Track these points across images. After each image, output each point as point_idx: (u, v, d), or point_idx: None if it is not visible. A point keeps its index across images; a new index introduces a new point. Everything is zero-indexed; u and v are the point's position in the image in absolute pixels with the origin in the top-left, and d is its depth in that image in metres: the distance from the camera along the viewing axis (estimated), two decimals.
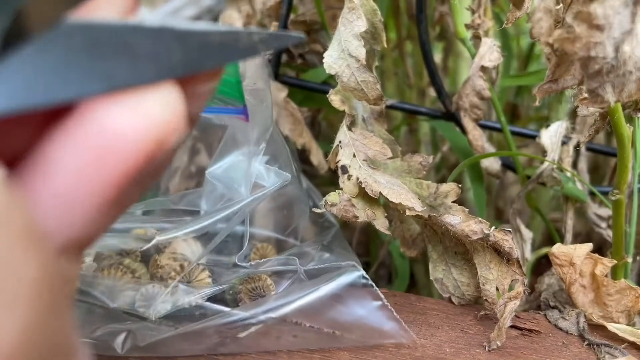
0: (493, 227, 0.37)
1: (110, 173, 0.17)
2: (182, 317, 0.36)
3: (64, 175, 0.17)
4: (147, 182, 0.20)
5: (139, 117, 0.17)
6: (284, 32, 0.23)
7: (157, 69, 0.18)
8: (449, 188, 0.39)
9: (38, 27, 0.17)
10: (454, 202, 0.39)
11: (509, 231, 0.37)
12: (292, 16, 0.50)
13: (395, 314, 0.36)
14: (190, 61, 0.19)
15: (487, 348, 0.36)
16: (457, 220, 0.37)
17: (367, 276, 0.37)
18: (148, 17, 0.20)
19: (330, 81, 0.50)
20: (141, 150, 0.17)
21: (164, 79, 0.18)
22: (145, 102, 0.17)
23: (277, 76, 0.49)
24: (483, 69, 0.45)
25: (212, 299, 0.37)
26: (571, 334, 0.38)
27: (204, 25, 0.20)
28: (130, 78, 0.18)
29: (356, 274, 0.37)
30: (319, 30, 0.51)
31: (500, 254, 0.37)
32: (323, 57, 0.40)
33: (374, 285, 0.37)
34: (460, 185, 0.39)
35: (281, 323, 0.36)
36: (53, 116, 0.17)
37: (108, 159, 0.17)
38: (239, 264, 0.39)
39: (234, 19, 0.52)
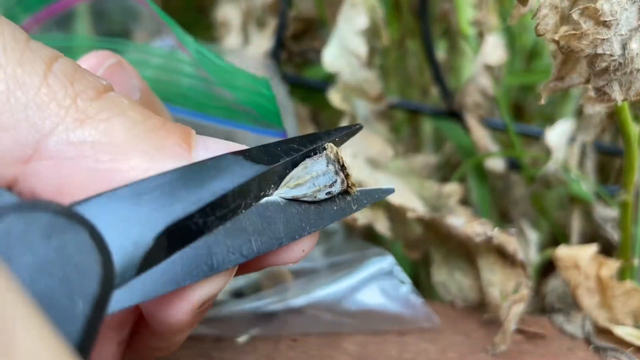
0: (497, 229, 0.36)
1: None
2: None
3: None
4: None
5: None
6: (374, 189, 0.26)
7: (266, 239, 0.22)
8: (452, 189, 0.38)
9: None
10: (457, 203, 0.38)
11: (513, 233, 0.36)
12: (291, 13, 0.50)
13: (421, 299, 0.37)
14: (296, 230, 0.23)
15: (490, 352, 0.35)
16: (460, 222, 0.37)
17: (396, 262, 0.37)
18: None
19: (332, 79, 0.50)
20: None
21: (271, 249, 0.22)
22: None
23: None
24: (487, 67, 0.44)
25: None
26: (577, 337, 0.37)
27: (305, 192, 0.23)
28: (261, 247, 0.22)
29: (387, 260, 0.37)
30: (319, 27, 0.51)
31: (505, 256, 0.37)
32: (322, 54, 0.39)
33: (402, 270, 0.37)
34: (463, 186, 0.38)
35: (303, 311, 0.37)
36: None
37: None
38: None
39: (231, 17, 0.51)
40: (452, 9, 0.52)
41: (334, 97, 0.42)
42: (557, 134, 0.46)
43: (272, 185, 0.23)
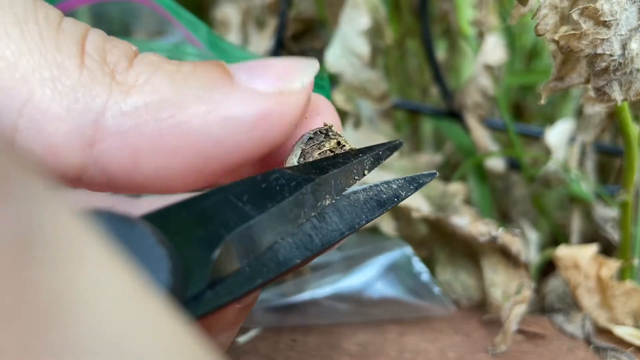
0: (501, 229, 0.36)
1: None
2: None
3: None
4: None
5: None
6: (417, 175, 0.26)
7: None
8: (457, 188, 0.38)
9: None
10: (461, 202, 0.38)
11: (517, 233, 0.36)
12: (291, 13, 0.50)
13: (438, 287, 0.37)
14: (352, 220, 0.23)
15: (490, 353, 0.35)
16: (465, 221, 0.37)
17: (414, 252, 0.38)
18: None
19: (334, 79, 0.49)
20: None
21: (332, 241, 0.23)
22: None
23: None
24: (487, 67, 0.44)
25: None
26: (577, 337, 0.37)
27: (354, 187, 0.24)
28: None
29: (405, 250, 0.38)
30: (319, 28, 0.51)
31: (508, 257, 0.37)
32: (323, 55, 0.39)
33: (420, 260, 0.38)
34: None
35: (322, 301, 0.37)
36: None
37: None
38: None
39: (230, 16, 0.51)
40: (452, 9, 0.52)
41: (338, 97, 0.42)
42: (557, 134, 0.46)
43: (327, 196, 0.23)
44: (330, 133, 0.24)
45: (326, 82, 0.29)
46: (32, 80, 0.19)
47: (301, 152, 0.23)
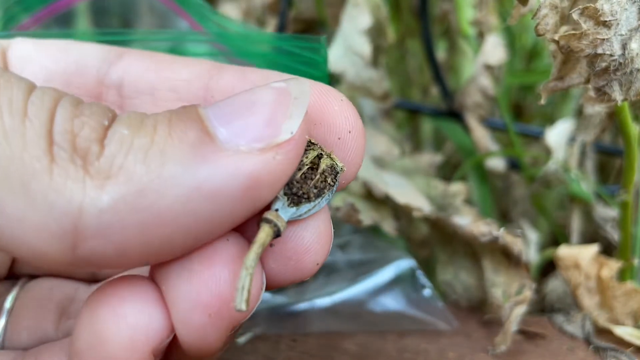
0: (502, 229, 0.36)
1: None
2: None
3: None
4: None
5: None
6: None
7: None
8: (458, 188, 0.38)
9: None
10: (462, 202, 0.38)
11: (519, 234, 0.36)
12: (291, 13, 0.50)
13: (440, 301, 0.37)
14: None
15: (490, 353, 0.35)
16: (466, 221, 0.36)
17: (418, 266, 0.38)
18: None
19: (336, 79, 0.49)
20: None
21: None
22: None
23: None
24: (487, 67, 0.44)
25: None
26: (577, 337, 0.37)
27: None
28: None
29: (407, 263, 0.38)
30: (319, 27, 0.51)
31: (509, 257, 0.37)
32: None
33: (424, 274, 0.37)
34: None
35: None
36: None
37: None
38: None
39: (231, 16, 0.51)
40: (452, 9, 0.52)
41: None
42: (557, 134, 0.46)
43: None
44: (307, 148, 0.22)
45: (322, 46, 0.27)
46: (2, 189, 0.18)
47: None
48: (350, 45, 0.41)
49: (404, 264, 0.38)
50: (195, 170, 0.19)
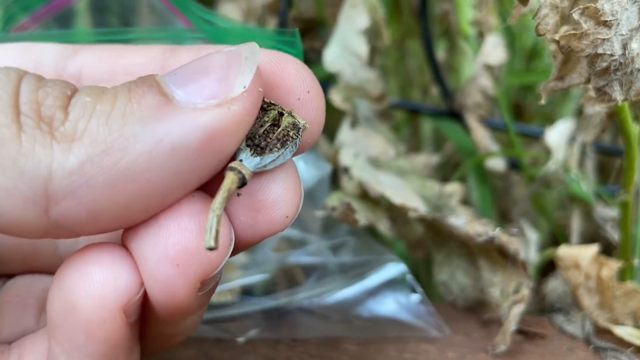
0: (498, 229, 0.36)
1: None
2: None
3: None
4: None
5: None
6: None
7: None
8: (454, 189, 0.38)
9: None
10: (458, 202, 0.38)
11: (515, 233, 0.36)
12: (291, 13, 0.50)
13: (432, 307, 0.37)
14: None
15: (490, 353, 0.35)
16: (462, 221, 0.36)
17: (409, 271, 0.38)
18: None
19: (333, 79, 0.49)
20: None
21: None
22: None
23: None
24: (487, 66, 0.44)
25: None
26: (577, 337, 0.37)
27: None
28: None
29: (398, 268, 0.38)
30: (319, 27, 0.51)
31: (506, 257, 0.37)
32: (322, 55, 0.39)
33: (415, 279, 0.37)
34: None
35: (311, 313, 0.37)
36: None
37: None
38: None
39: (231, 16, 0.51)
40: (452, 9, 0.52)
41: (335, 97, 0.41)
42: (557, 134, 0.46)
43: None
44: (265, 105, 0.23)
45: (296, 39, 0.27)
46: None
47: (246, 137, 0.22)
48: (347, 45, 0.41)
49: (395, 268, 0.38)
50: (155, 127, 0.20)
